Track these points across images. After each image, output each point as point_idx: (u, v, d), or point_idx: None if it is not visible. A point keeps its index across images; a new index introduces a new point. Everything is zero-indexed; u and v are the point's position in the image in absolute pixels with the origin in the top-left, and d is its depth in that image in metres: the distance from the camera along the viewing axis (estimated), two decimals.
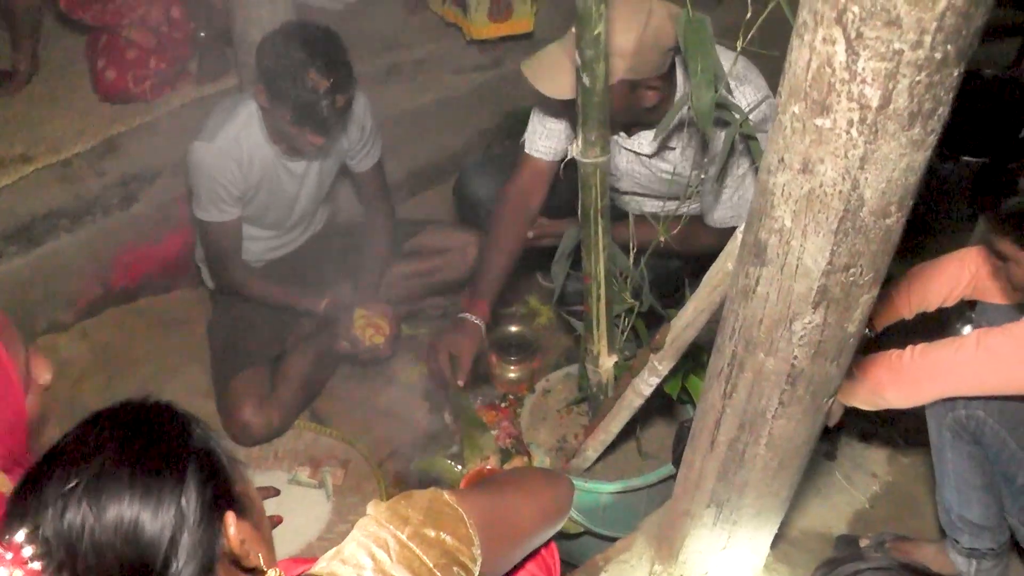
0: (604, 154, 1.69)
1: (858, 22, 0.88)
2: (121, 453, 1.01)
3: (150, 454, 1.02)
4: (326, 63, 2.43)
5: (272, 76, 2.44)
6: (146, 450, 1.02)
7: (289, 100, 2.44)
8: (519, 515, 1.39)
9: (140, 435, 1.04)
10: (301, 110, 2.45)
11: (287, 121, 2.50)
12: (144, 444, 1.03)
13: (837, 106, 0.95)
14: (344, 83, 2.48)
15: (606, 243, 1.84)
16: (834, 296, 1.12)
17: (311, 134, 2.51)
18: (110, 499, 0.97)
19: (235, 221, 2.75)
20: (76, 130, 3.35)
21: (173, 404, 1.11)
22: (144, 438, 1.03)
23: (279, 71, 2.43)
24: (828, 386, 1.28)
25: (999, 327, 1.72)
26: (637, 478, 2.20)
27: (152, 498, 0.99)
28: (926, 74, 0.90)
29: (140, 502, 0.98)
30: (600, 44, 1.51)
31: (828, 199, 1.02)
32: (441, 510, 1.20)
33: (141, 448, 1.02)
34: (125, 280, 3.20)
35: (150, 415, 1.08)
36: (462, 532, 1.19)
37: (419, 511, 1.18)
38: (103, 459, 0.99)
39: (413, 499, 1.20)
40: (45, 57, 3.61)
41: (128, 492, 0.98)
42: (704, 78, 1.62)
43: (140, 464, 1.00)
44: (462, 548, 1.17)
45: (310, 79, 2.40)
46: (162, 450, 1.03)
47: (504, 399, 2.97)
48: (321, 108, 2.44)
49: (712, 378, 1.41)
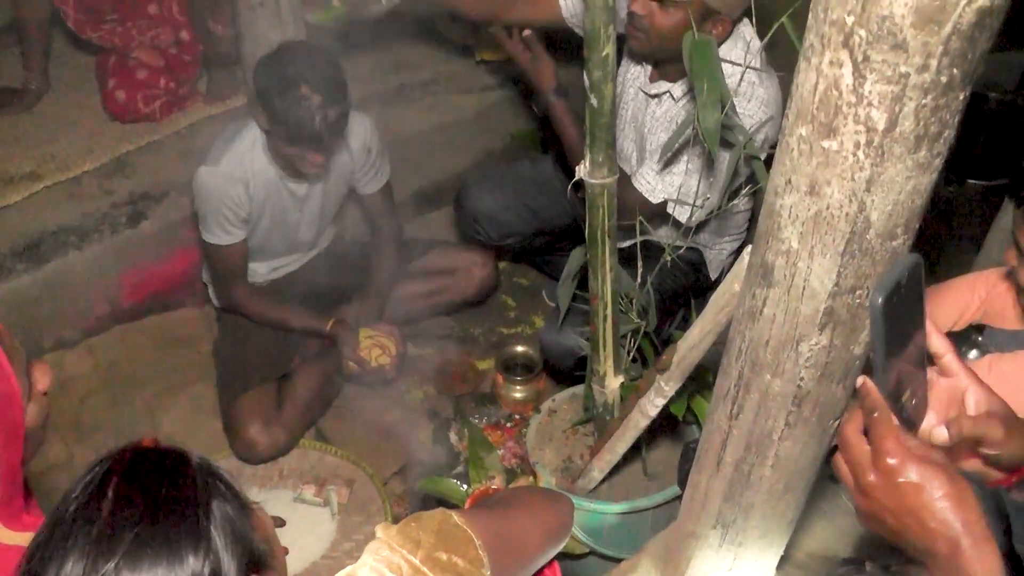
0: (611, 175, 1.69)
1: (865, 45, 0.89)
2: (144, 527, 0.96)
3: (175, 525, 0.97)
4: (316, 77, 2.43)
5: (266, 96, 2.45)
6: (171, 521, 0.97)
7: (283, 118, 2.44)
8: (525, 535, 1.40)
9: (163, 502, 0.99)
10: (295, 127, 2.44)
11: (285, 141, 2.50)
12: (167, 512, 0.98)
13: (844, 128, 0.95)
14: (335, 96, 2.47)
15: (612, 263, 1.85)
16: (841, 318, 1.13)
17: (309, 152, 2.51)
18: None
19: (241, 243, 2.76)
20: (85, 148, 3.37)
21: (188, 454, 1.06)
22: (167, 505, 0.98)
23: (271, 89, 2.44)
24: (835, 408, 1.28)
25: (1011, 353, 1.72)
26: (643, 499, 2.20)
27: (179, 571, 0.95)
28: (932, 97, 0.90)
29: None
30: (608, 65, 1.53)
31: (835, 221, 1.02)
32: (451, 532, 1.20)
33: (164, 518, 0.97)
34: (132, 298, 3.21)
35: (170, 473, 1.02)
36: (472, 554, 1.19)
37: (430, 534, 1.18)
38: (125, 535, 0.95)
39: (423, 521, 1.20)
40: (55, 76, 3.63)
41: (152, 566, 0.94)
42: (711, 99, 1.63)
43: (166, 537, 0.96)
44: (473, 570, 1.18)
45: (301, 94, 2.41)
46: (188, 521, 0.98)
47: (510, 419, 2.97)
48: (314, 123, 2.43)
49: (718, 399, 1.41)
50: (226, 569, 0.98)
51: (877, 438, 0.98)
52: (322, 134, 2.47)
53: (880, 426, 0.98)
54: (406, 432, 2.98)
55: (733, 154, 1.72)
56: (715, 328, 1.63)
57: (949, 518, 0.94)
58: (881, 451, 0.97)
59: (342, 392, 3.07)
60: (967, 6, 0.83)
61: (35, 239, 3.05)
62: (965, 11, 0.84)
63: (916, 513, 0.95)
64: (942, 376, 1.08)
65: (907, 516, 0.95)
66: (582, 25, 1.57)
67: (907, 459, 0.96)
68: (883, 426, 0.98)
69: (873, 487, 0.97)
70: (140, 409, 3.00)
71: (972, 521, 0.94)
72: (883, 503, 0.97)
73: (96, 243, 3.09)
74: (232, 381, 2.86)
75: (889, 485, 0.96)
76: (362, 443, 2.96)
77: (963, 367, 1.08)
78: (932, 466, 0.96)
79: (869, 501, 0.98)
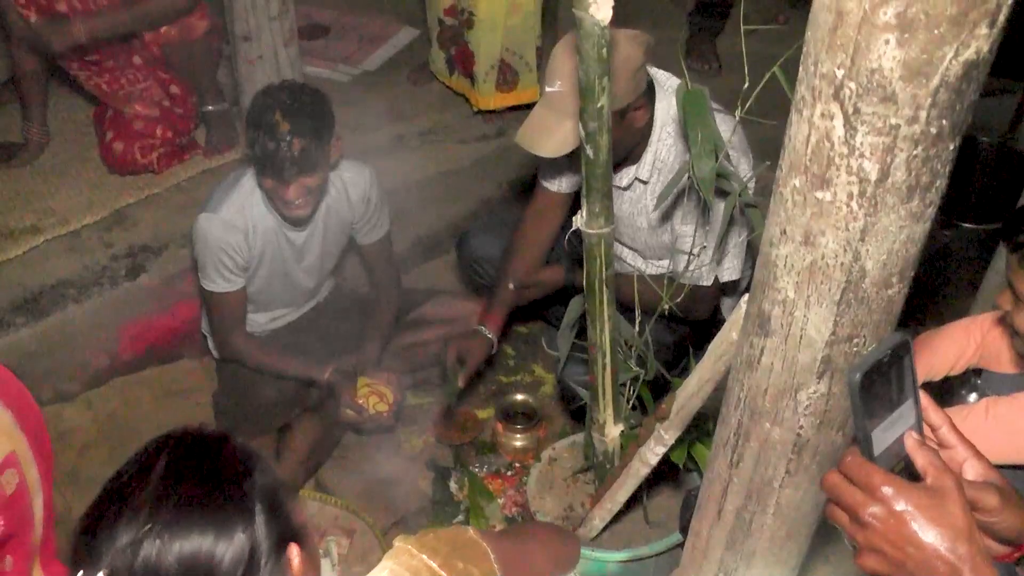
0: (608, 225, 1.71)
1: (855, 98, 0.90)
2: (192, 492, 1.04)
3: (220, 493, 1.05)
4: (290, 107, 2.43)
5: (248, 127, 2.47)
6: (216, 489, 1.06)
7: (257, 147, 2.43)
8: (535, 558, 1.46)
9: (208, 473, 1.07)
10: (263, 154, 2.43)
11: (260, 172, 2.50)
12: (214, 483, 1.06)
13: (837, 180, 0.97)
14: (307, 125, 2.44)
15: (611, 312, 1.85)
16: (838, 366, 1.13)
17: (281, 187, 2.48)
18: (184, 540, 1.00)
19: (240, 291, 2.76)
20: (85, 202, 3.39)
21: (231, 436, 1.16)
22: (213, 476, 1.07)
23: (250, 119, 2.45)
24: (835, 455, 1.28)
25: (1008, 396, 1.73)
26: (644, 547, 2.19)
27: (225, 538, 1.02)
28: (923, 148, 0.92)
29: (213, 542, 1.01)
30: (603, 116, 1.54)
31: (830, 271, 1.03)
32: (467, 544, 1.26)
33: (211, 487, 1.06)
34: (131, 350, 3.21)
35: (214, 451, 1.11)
36: (487, 567, 1.24)
37: (447, 543, 1.24)
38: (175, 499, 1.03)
39: (439, 533, 1.26)
40: (55, 130, 3.66)
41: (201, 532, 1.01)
42: (704, 148, 1.65)
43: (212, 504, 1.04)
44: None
45: (273, 120, 2.40)
46: (231, 489, 1.06)
47: (510, 467, 2.96)
48: (279, 150, 2.40)
49: (718, 447, 1.41)
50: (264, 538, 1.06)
51: (864, 477, 0.98)
52: (286, 162, 2.42)
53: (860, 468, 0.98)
54: (406, 481, 2.96)
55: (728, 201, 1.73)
56: (714, 376, 1.63)
57: (950, 545, 0.94)
58: (872, 485, 0.97)
59: (341, 442, 3.06)
60: (954, 59, 0.85)
61: (35, 293, 3.07)
62: (952, 64, 0.85)
63: (915, 541, 0.94)
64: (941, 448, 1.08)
65: (907, 545, 0.95)
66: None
67: (901, 487, 0.96)
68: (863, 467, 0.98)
69: (874, 517, 0.97)
70: None
71: (973, 549, 0.94)
72: (884, 534, 0.96)
73: (95, 296, 3.10)
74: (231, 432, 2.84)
75: (888, 514, 0.96)
76: (362, 493, 2.94)
77: (961, 439, 1.08)
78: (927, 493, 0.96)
79: (868, 534, 0.98)
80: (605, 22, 1.40)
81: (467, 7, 3.69)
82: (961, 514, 0.95)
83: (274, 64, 2.98)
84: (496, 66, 3.78)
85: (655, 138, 2.39)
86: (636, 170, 2.45)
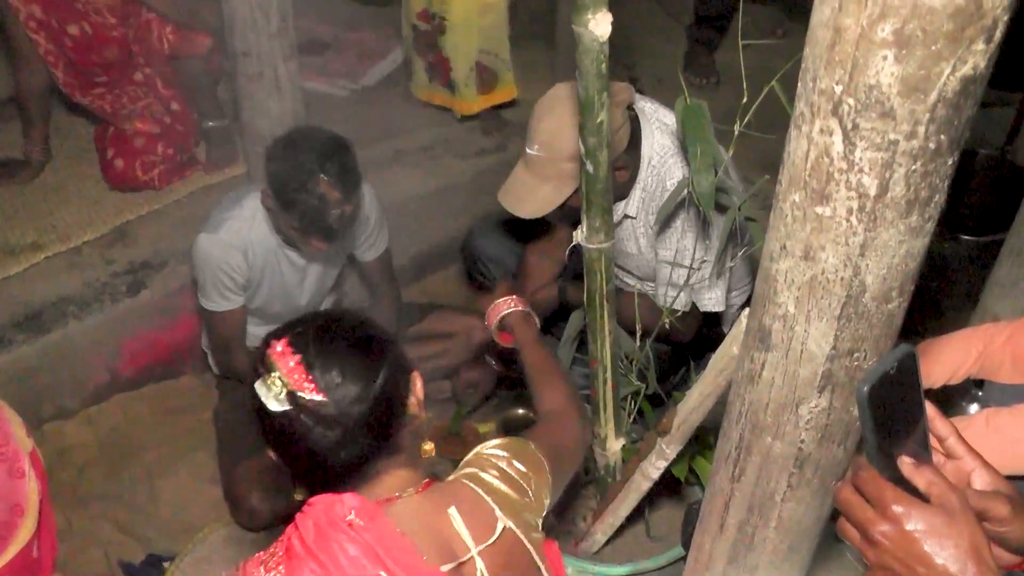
0: (608, 240, 1.71)
1: (854, 114, 0.91)
2: (352, 332, 1.41)
3: (364, 347, 1.39)
4: (336, 172, 2.41)
5: (281, 183, 2.42)
6: (362, 344, 1.40)
7: (297, 208, 2.42)
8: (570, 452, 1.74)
9: (360, 326, 1.43)
10: (309, 219, 2.43)
11: (292, 228, 2.49)
12: (360, 339, 1.41)
13: (836, 195, 0.97)
14: (353, 192, 2.46)
15: (611, 327, 1.86)
16: (839, 380, 1.13)
17: (316, 241, 2.51)
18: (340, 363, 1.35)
19: (239, 309, 2.76)
20: (86, 219, 3.39)
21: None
22: (362, 330, 1.43)
23: (288, 178, 2.41)
24: (836, 469, 1.29)
25: (1008, 407, 1.73)
26: (647, 560, 2.19)
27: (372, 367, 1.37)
28: (921, 163, 0.92)
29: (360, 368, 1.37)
30: (603, 131, 1.55)
31: (830, 285, 1.04)
32: (530, 456, 1.57)
33: (359, 339, 1.41)
34: (132, 367, 3.21)
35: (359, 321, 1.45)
36: (542, 480, 1.56)
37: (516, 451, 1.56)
38: (338, 334, 1.40)
39: (510, 442, 1.59)
40: (56, 146, 3.67)
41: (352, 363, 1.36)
42: (703, 162, 1.66)
43: (358, 349, 1.39)
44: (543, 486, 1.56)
45: (320, 188, 2.38)
46: (374, 346, 1.41)
47: None
48: (329, 217, 2.42)
49: (720, 461, 1.41)
50: (386, 385, 1.38)
51: (876, 492, 0.97)
52: (337, 230, 2.46)
53: (872, 483, 0.98)
54: None
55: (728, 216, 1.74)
56: (715, 391, 1.63)
57: (960, 565, 0.93)
58: (883, 502, 0.97)
59: None
60: (951, 75, 0.85)
61: (36, 309, 3.06)
62: (950, 80, 0.86)
63: (926, 560, 0.94)
64: (948, 459, 1.08)
65: (918, 565, 0.94)
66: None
67: (912, 505, 0.96)
68: (875, 482, 0.98)
69: (884, 535, 0.96)
70: (140, 477, 2.99)
71: (982, 569, 0.93)
72: (893, 552, 0.96)
73: (96, 313, 3.10)
74: (232, 449, 2.85)
75: (898, 533, 0.95)
76: None
77: (968, 450, 1.08)
78: (939, 512, 0.96)
79: (879, 553, 0.97)
80: (604, 38, 1.41)
81: (438, 12, 3.68)
82: (970, 533, 0.95)
83: (274, 80, 2.98)
84: (474, 68, 3.79)
85: (642, 174, 2.41)
86: (624, 206, 2.46)
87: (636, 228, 2.52)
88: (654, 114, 2.40)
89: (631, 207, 2.46)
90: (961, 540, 0.94)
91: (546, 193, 2.27)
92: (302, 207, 2.41)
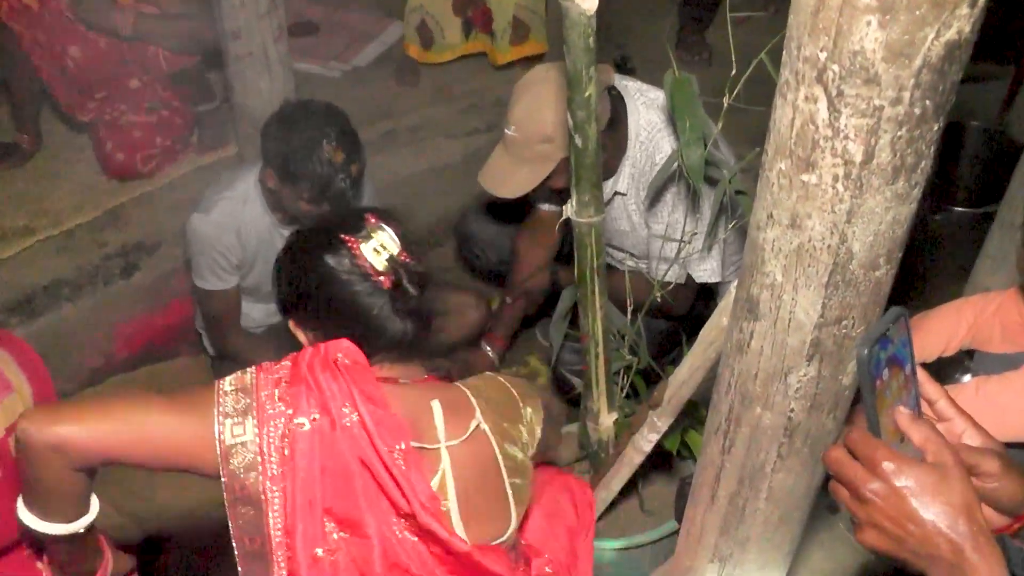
0: (598, 214, 1.71)
1: (838, 80, 0.91)
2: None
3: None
4: (337, 135, 2.42)
5: (284, 158, 2.43)
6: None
7: (306, 180, 2.42)
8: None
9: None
10: (320, 188, 2.43)
11: (303, 200, 2.48)
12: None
13: (822, 162, 0.97)
14: (357, 150, 2.48)
15: (603, 302, 1.86)
16: (827, 349, 1.14)
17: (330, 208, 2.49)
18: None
19: (233, 289, 2.77)
20: (78, 202, 3.39)
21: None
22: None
23: (292, 153, 2.41)
24: (826, 438, 1.29)
25: (997, 375, 1.73)
26: (640, 535, 2.19)
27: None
28: (907, 129, 0.92)
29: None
30: (591, 105, 1.55)
31: (817, 253, 1.04)
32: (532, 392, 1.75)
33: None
34: (126, 349, 3.21)
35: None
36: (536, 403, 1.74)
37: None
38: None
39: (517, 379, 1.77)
40: (48, 131, 3.66)
41: None
42: (692, 135, 1.66)
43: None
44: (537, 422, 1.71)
45: (326, 154, 2.39)
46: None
47: None
48: (340, 181, 2.42)
49: (710, 433, 1.42)
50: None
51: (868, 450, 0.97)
52: (347, 190, 2.46)
53: (864, 443, 0.98)
54: None
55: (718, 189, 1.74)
56: (705, 363, 1.64)
57: (951, 522, 0.93)
58: (874, 460, 0.96)
59: None
60: (935, 40, 0.85)
61: (28, 293, 3.06)
62: (934, 45, 0.86)
63: (916, 518, 0.94)
64: (939, 421, 1.08)
65: (908, 522, 0.94)
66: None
67: (902, 463, 0.95)
68: (868, 442, 0.98)
69: (875, 492, 0.96)
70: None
71: (974, 527, 0.93)
72: (884, 510, 0.95)
73: (89, 295, 3.10)
74: None
75: (889, 490, 0.95)
76: None
77: (959, 411, 1.08)
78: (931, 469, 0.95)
79: (869, 511, 0.97)
80: (591, 11, 1.41)
81: None
82: (962, 491, 0.94)
83: (264, 61, 2.97)
84: (511, 21, 3.96)
85: (630, 151, 2.41)
86: (614, 183, 2.47)
87: (627, 205, 2.52)
88: (638, 91, 2.40)
89: (621, 184, 2.46)
90: (953, 497, 0.94)
91: (524, 174, 2.30)
92: (311, 177, 2.41)
